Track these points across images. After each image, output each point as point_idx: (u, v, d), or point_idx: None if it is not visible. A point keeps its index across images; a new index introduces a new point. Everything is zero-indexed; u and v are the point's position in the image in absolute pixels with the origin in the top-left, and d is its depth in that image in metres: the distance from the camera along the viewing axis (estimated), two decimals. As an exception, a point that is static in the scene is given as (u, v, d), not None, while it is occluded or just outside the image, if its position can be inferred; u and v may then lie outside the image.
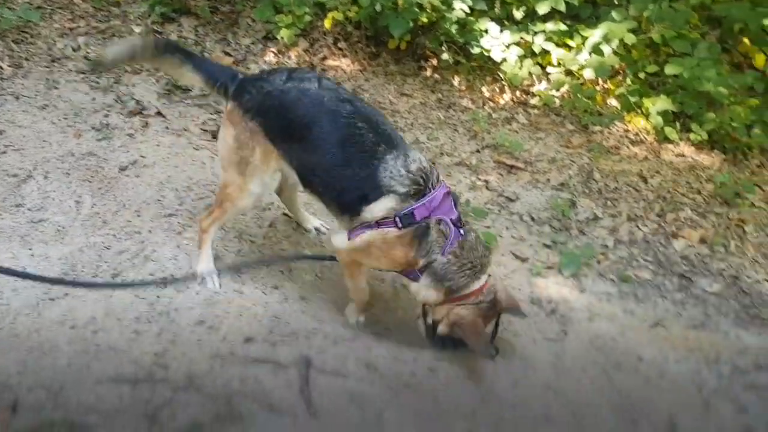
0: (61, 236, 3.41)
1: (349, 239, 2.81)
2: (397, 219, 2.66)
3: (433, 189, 2.70)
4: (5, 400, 2.40)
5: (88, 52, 5.00)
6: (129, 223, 3.48)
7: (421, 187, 2.68)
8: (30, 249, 3.21)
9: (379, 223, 2.70)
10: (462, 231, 2.73)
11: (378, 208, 2.69)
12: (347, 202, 2.77)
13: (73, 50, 5.00)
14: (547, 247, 3.82)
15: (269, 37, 5.48)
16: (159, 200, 3.67)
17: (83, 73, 4.78)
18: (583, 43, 5.11)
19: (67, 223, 3.51)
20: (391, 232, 2.68)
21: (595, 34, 4.97)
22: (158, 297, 2.97)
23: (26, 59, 4.78)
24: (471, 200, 4.04)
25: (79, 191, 3.71)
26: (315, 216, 3.71)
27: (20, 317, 2.76)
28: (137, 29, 5.35)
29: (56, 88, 4.58)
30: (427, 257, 2.71)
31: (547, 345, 3.16)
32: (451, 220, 2.70)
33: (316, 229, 3.68)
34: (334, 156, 2.73)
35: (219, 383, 2.50)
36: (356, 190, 2.72)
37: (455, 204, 2.77)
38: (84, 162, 3.92)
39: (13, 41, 4.87)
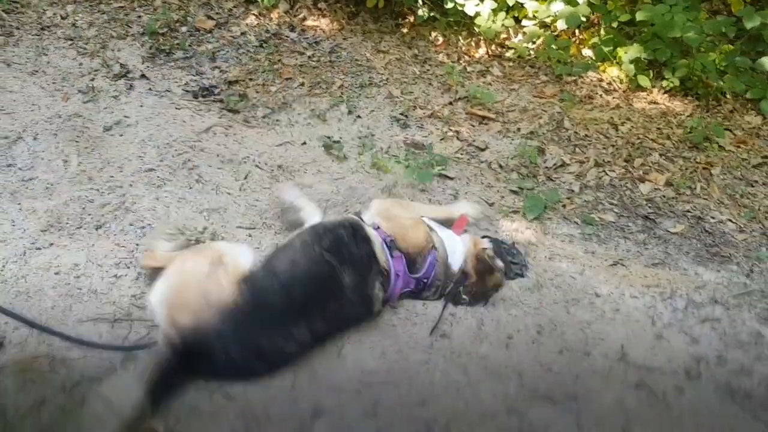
0: (49, 192, 3.59)
1: None
2: None
3: None
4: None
5: (75, 20, 5.14)
6: (112, 179, 3.65)
7: None
8: (19, 204, 3.40)
9: None
10: None
11: None
12: None
13: (62, 18, 5.13)
14: (514, 192, 3.96)
15: (251, 1, 5.58)
16: (140, 156, 3.84)
17: (71, 39, 4.92)
18: (558, -5, 5.19)
19: (55, 181, 3.69)
20: None
21: (567, -15, 5.05)
22: (137, 245, 3.17)
23: (17, 28, 4.93)
24: (442, 151, 4.19)
25: (66, 151, 3.89)
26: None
27: (8, 265, 2.97)
28: (122, -3, 5.47)
29: (45, 54, 4.73)
30: None
31: (511, 284, 3.32)
32: None
33: None
34: None
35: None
36: None
37: None
38: (71, 123, 4.09)
39: (4, 11, 5.00)
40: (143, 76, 4.65)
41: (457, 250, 3.10)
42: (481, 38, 5.38)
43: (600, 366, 2.84)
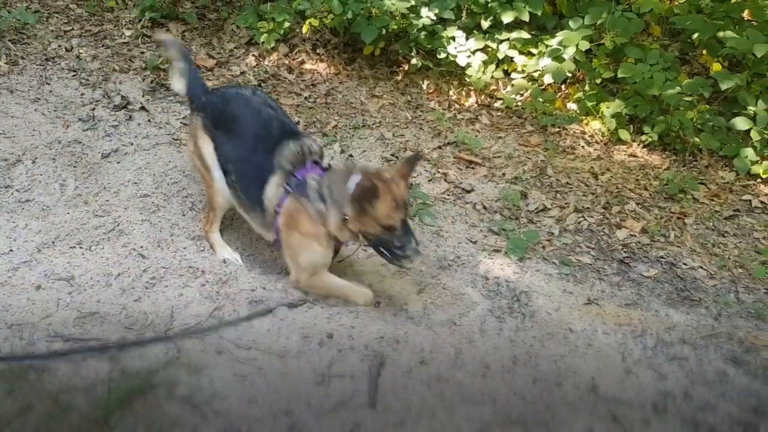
0: (45, 214, 3.73)
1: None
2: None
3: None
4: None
5: (80, 53, 5.33)
6: (107, 203, 3.79)
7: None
8: (14, 222, 3.51)
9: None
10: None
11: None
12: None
13: (66, 50, 5.33)
14: (496, 233, 4.12)
15: (252, 42, 5.81)
16: (136, 183, 3.98)
17: (74, 71, 5.10)
18: (546, 52, 5.43)
19: (51, 203, 3.83)
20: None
21: (553, 42, 5.30)
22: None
23: (22, 57, 5.11)
24: (429, 192, 4.35)
25: (63, 175, 4.03)
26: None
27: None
28: (128, 33, 5.69)
29: (48, 84, 4.90)
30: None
31: (491, 318, 3.44)
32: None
33: None
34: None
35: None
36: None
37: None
38: (70, 149, 4.24)
39: (10, 41, 5.20)
40: (143, 108, 4.83)
41: None
42: (472, 88, 5.61)
43: (571, 396, 2.93)
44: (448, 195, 4.41)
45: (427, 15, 5.30)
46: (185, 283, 3.31)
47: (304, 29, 5.64)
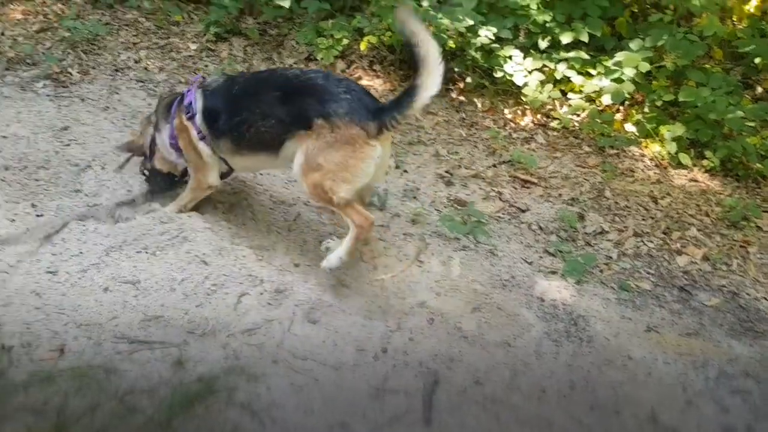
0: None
1: None
2: None
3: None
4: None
5: (147, 64, 5.51)
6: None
7: None
8: (84, 225, 3.63)
9: None
10: None
11: None
12: None
13: (135, 62, 5.52)
14: (551, 254, 4.09)
15: (310, 58, 5.92)
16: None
17: (142, 81, 5.28)
18: (604, 73, 5.40)
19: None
20: None
21: (612, 63, 5.26)
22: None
23: (93, 68, 5.31)
24: (483, 210, 4.35)
25: (130, 182, 4.15)
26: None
27: (73, 277, 3.20)
28: (193, 46, 5.85)
29: (117, 93, 5.08)
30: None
31: (547, 342, 3.42)
32: None
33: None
34: None
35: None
36: None
37: None
38: (136, 157, 4.36)
39: (83, 51, 5.41)
40: (206, 118, 4.94)
41: None
42: (528, 107, 5.61)
43: (630, 425, 2.90)
44: (503, 214, 4.41)
45: (485, 34, 5.32)
46: (244, 291, 3.37)
47: (362, 46, 5.72)
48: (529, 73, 5.43)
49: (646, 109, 5.45)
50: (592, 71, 5.49)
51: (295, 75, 3.50)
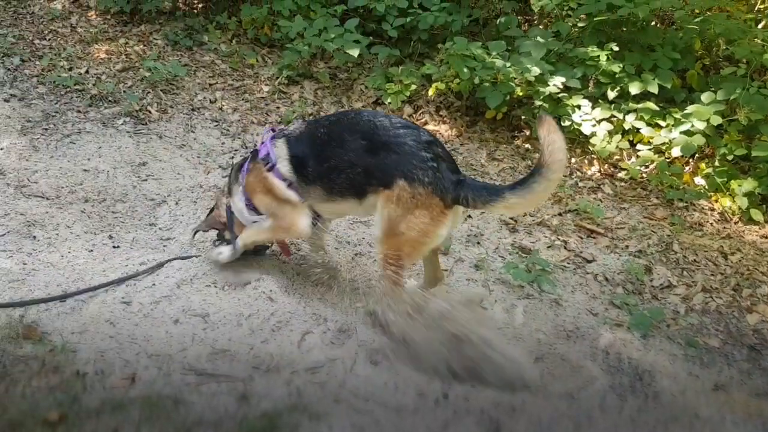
0: (183, 252, 3.99)
1: None
2: None
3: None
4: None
5: (222, 105, 5.73)
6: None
7: None
8: (157, 258, 3.78)
9: None
10: None
11: None
12: None
13: (211, 102, 5.76)
14: (618, 307, 4.03)
15: (378, 102, 6.07)
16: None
17: (217, 121, 5.49)
18: (674, 125, 5.35)
19: (190, 243, 4.09)
20: None
21: (682, 115, 5.21)
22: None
23: (171, 106, 5.56)
24: (548, 258, 4.32)
25: (203, 217, 4.30)
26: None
27: (146, 307, 3.31)
28: (266, 88, 6.07)
29: (193, 132, 5.30)
30: None
31: (611, 395, 3.35)
32: None
33: None
34: None
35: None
36: None
37: None
38: (210, 193, 4.53)
39: (162, 90, 5.68)
40: (277, 159, 5.10)
41: None
42: (595, 157, 5.58)
43: (698, 487, 2.81)
44: (568, 263, 4.37)
45: (554, 84, 5.36)
46: (308, 329, 3.43)
47: (430, 92, 5.83)
48: (598, 123, 5.42)
49: (717, 163, 5.36)
50: (662, 123, 5.44)
51: (384, 126, 3.31)
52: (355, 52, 5.87)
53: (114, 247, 3.98)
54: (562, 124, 5.52)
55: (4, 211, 4.09)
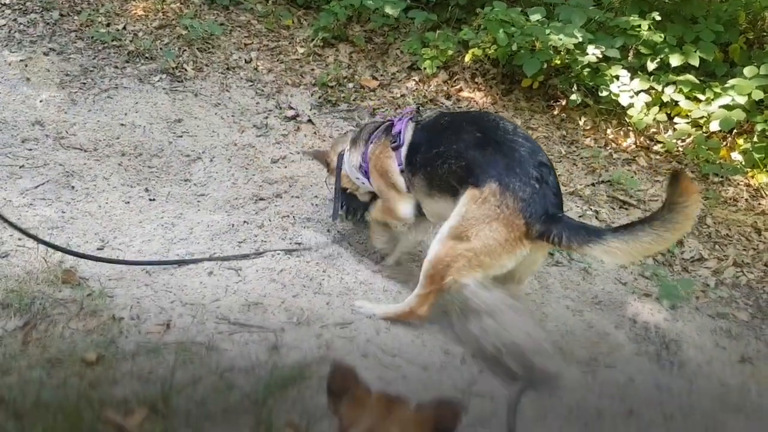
0: (216, 207, 4.06)
1: None
2: None
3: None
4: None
5: (257, 65, 5.75)
6: (270, 203, 4.08)
7: None
8: (193, 212, 3.85)
9: None
10: None
11: None
12: None
13: (246, 62, 5.77)
14: (647, 278, 4.02)
15: (413, 67, 6.03)
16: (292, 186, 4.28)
17: (251, 81, 5.52)
18: (714, 98, 5.25)
19: (223, 199, 4.15)
20: None
21: (723, 88, 5.12)
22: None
23: (206, 65, 5.59)
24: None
25: (236, 174, 4.36)
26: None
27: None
28: (301, 50, 6.07)
29: (228, 91, 5.33)
30: None
31: (637, 360, 3.37)
32: None
33: None
34: None
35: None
36: None
37: None
38: (243, 152, 4.59)
39: (198, 49, 5.71)
40: (310, 120, 5.14)
41: None
42: (631, 129, 5.51)
43: (720, 454, 2.83)
44: (599, 233, 4.36)
45: (593, 52, 5.28)
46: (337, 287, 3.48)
47: (467, 58, 5.78)
48: (636, 94, 5.34)
49: (755, 138, 5.26)
50: (701, 96, 5.34)
51: (505, 129, 3.08)
52: (395, 12, 5.82)
53: (150, 200, 4.06)
54: (600, 94, 5.46)
55: (44, 161, 4.19)
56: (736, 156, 5.34)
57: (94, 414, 2.38)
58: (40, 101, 4.81)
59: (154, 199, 4.07)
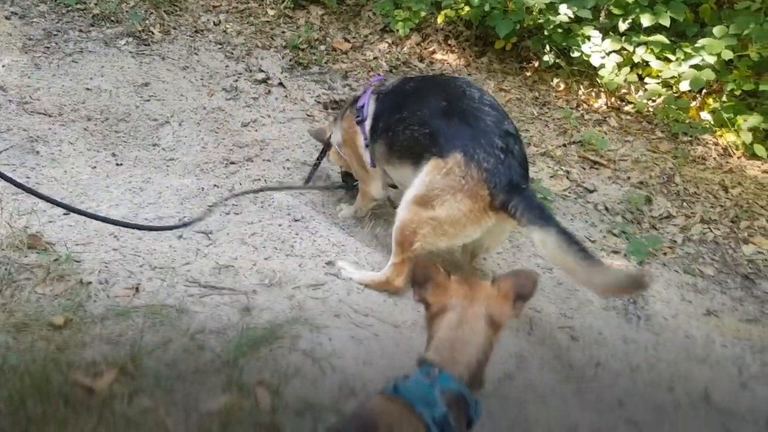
0: (186, 172, 4.01)
1: None
2: None
3: None
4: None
5: (226, 27, 5.66)
6: (242, 168, 4.04)
7: None
8: (161, 177, 3.80)
9: None
10: None
11: None
12: None
13: (215, 24, 5.68)
14: (615, 235, 4.06)
15: (386, 29, 5.97)
16: (263, 150, 4.24)
17: (221, 44, 5.43)
18: (684, 59, 5.26)
19: (192, 163, 4.11)
20: None
21: (693, 48, 5.13)
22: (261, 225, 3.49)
23: (174, 28, 5.49)
24: (550, 187, 4.34)
25: (206, 138, 4.31)
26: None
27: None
28: (271, 12, 5.98)
29: (196, 54, 5.25)
30: None
31: (605, 315, 3.42)
32: None
33: None
34: None
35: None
36: None
37: None
38: (213, 115, 4.53)
39: (165, 11, 5.60)
40: (281, 84, 5.08)
41: None
42: (602, 89, 5.52)
43: (682, 402, 2.90)
44: (570, 193, 4.39)
45: (565, 13, 5.26)
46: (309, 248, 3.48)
47: (439, 20, 5.73)
48: (607, 54, 5.33)
49: (724, 98, 5.30)
50: (672, 57, 5.36)
51: (471, 97, 3.03)
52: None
53: (117, 164, 4.01)
54: (571, 55, 5.45)
55: (7, 127, 4.11)
56: (706, 116, 5.38)
57: (63, 377, 2.38)
58: (2, 66, 4.70)
59: (121, 164, 4.02)
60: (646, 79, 5.50)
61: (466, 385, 1.78)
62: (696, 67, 5.13)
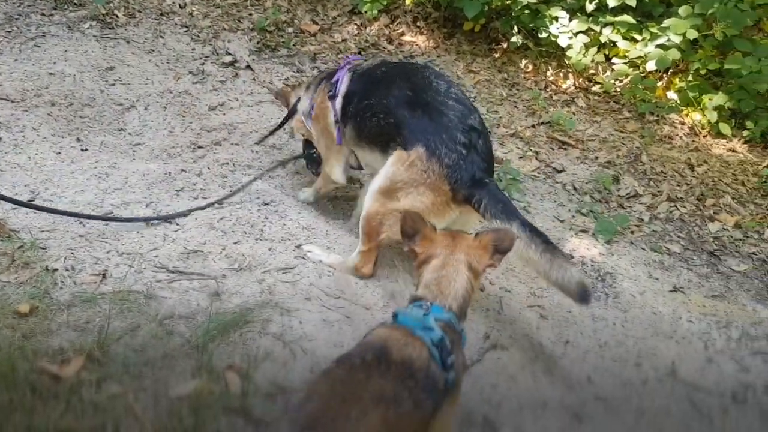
0: (153, 156, 3.96)
1: None
2: None
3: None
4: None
5: (192, 10, 5.57)
6: (210, 153, 4.00)
7: None
8: (127, 162, 3.75)
9: None
10: None
11: None
12: None
13: (180, 7, 5.59)
14: (583, 214, 4.11)
15: (354, 11, 5.93)
16: (231, 134, 4.20)
17: (187, 27, 5.35)
18: (650, 39, 5.31)
19: (159, 147, 4.06)
20: None
21: (659, 28, 5.18)
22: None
23: (139, 11, 5.40)
24: (519, 168, 4.37)
25: (173, 123, 4.26)
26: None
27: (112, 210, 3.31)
28: (238, -5, 5.90)
29: (162, 37, 5.17)
30: None
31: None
32: None
33: None
34: None
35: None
36: None
37: None
38: (179, 99, 4.47)
39: (129, -6, 5.50)
40: (249, 67, 5.03)
41: None
42: (570, 70, 5.56)
43: (650, 377, 2.95)
44: (539, 173, 4.42)
45: (533, -7, 5.28)
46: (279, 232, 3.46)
47: (407, 1, 5.71)
48: (574, 35, 5.36)
49: (690, 77, 5.37)
50: (638, 37, 5.40)
51: (437, 90, 3.02)
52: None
53: (82, 150, 3.94)
54: (539, 36, 5.47)
55: (-33, 113, 4.01)
56: (672, 95, 5.45)
57: (29, 365, 2.35)
58: (-39, 51, 4.58)
59: (86, 149, 3.95)
60: (613, 60, 5.56)
61: (455, 315, 2.07)
62: (662, 46, 5.19)
